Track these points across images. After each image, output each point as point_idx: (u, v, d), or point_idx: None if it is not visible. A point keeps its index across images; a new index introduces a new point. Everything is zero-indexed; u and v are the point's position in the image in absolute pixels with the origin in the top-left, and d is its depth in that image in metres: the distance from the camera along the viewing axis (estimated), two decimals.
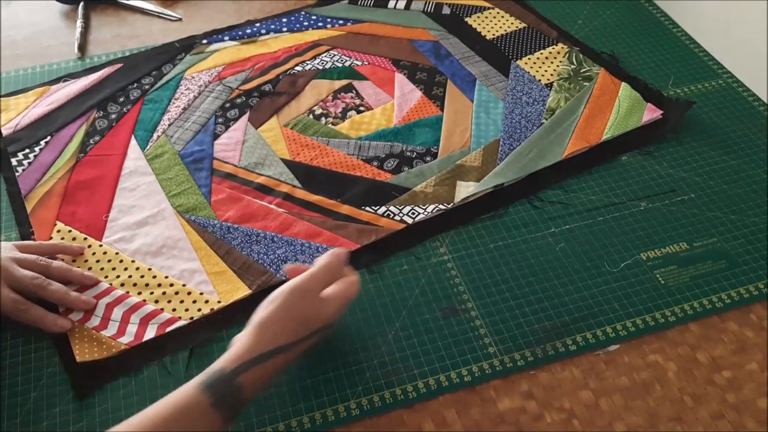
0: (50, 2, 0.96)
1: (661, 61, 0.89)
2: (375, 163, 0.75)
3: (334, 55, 0.89)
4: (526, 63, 0.88)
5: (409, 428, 0.55)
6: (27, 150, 0.75)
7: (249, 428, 0.54)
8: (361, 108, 0.82)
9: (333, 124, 0.80)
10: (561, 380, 0.58)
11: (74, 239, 0.67)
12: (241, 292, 0.63)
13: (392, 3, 0.97)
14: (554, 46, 0.90)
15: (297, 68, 0.87)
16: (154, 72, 0.85)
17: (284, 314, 0.51)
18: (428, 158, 0.76)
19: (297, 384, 0.57)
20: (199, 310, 0.62)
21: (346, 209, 0.70)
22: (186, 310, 0.62)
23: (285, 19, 0.94)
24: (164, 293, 0.63)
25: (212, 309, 0.62)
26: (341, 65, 0.87)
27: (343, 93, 0.84)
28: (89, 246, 0.66)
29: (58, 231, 0.67)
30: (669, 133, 0.78)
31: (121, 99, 0.82)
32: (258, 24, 0.93)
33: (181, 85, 0.84)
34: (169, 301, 0.62)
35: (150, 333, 0.60)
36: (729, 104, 0.83)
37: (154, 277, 0.64)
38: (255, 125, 0.79)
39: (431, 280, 0.65)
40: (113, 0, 0.97)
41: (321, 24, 0.94)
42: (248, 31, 0.92)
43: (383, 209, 0.70)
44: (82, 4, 0.95)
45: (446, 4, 0.97)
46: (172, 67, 0.86)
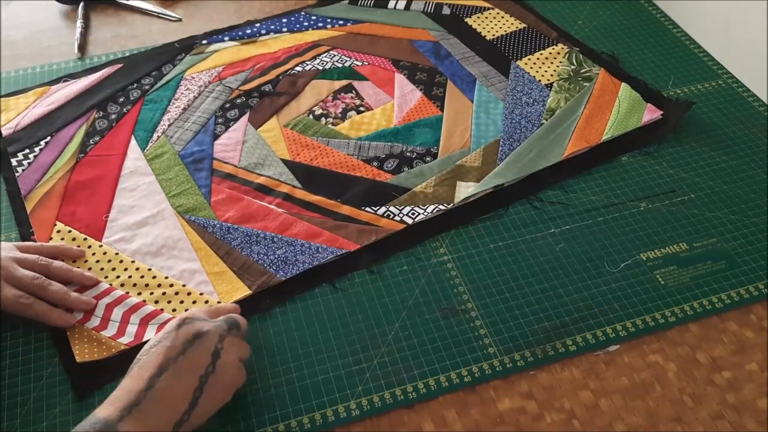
0: (50, 2, 0.96)
1: (661, 62, 0.89)
2: (375, 164, 0.75)
3: (334, 56, 0.89)
4: (526, 63, 0.88)
5: (409, 428, 0.55)
6: (27, 150, 0.75)
7: (249, 428, 0.54)
8: (361, 108, 0.82)
9: (333, 125, 0.80)
10: (561, 380, 0.58)
11: (74, 239, 0.67)
12: (241, 293, 0.63)
13: (392, 3, 0.97)
14: (554, 47, 0.90)
15: (297, 68, 0.87)
16: (154, 72, 0.85)
17: (155, 344, 0.50)
18: (428, 158, 0.76)
19: (297, 384, 0.57)
20: None
21: (346, 209, 0.70)
22: (186, 311, 0.61)
23: (285, 20, 0.94)
24: (164, 293, 0.63)
25: None
26: (341, 65, 0.87)
27: (343, 93, 0.84)
28: (89, 246, 0.66)
29: (58, 231, 0.67)
30: (669, 134, 0.78)
31: (121, 99, 0.82)
32: (258, 24, 0.93)
33: (181, 86, 0.84)
34: (169, 302, 0.62)
35: (150, 333, 0.60)
36: (729, 104, 0.83)
37: (154, 278, 0.64)
38: (255, 125, 0.79)
39: (431, 281, 0.65)
40: (113, 0, 0.97)
41: (321, 24, 0.94)
42: (248, 32, 0.92)
43: (383, 209, 0.70)
44: (82, 4, 0.95)
45: (446, 5, 0.97)
46: (172, 68, 0.86)
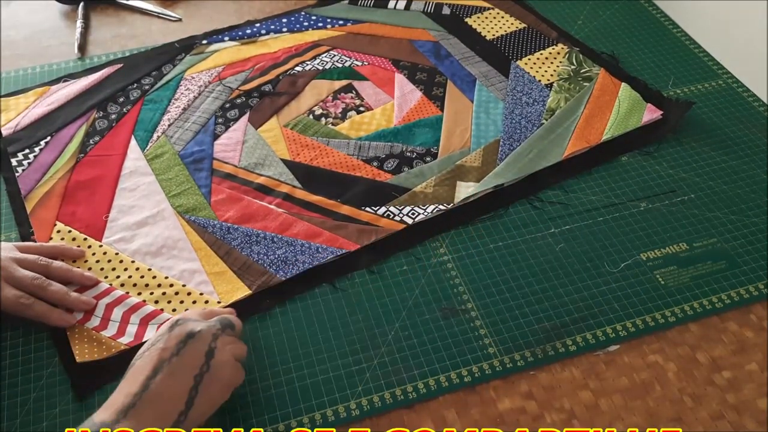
0: (50, 2, 0.96)
1: (661, 62, 0.89)
2: (375, 164, 0.75)
3: (334, 56, 0.89)
4: (526, 63, 0.88)
5: (409, 428, 0.55)
6: (27, 150, 0.75)
7: (249, 428, 0.54)
8: (361, 108, 0.82)
9: (333, 125, 0.80)
10: (561, 380, 0.58)
11: (74, 239, 0.67)
12: (241, 293, 0.63)
13: (392, 3, 0.97)
14: (554, 47, 0.90)
15: (297, 68, 0.87)
16: (154, 72, 0.85)
17: (149, 347, 0.51)
18: (428, 158, 0.76)
19: (297, 384, 0.57)
20: None
21: (346, 209, 0.70)
22: (186, 311, 0.62)
23: (285, 20, 0.94)
24: (164, 293, 0.63)
25: None
26: (341, 65, 0.87)
27: (343, 93, 0.84)
28: (89, 246, 0.66)
29: (58, 231, 0.67)
30: (669, 134, 0.78)
31: (121, 99, 0.82)
32: (258, 24, 0.93)
33: (181, 86, 0.84)
34: (169, 302, 0.62)
35: (150, 333, 0.60)
36: (729, 104, 0.83)
37: (154, 278, 0.64)
38: (255, 125, 0.79)
39: (431, 280, 0.65)
40: (113, 0, 0.97)
41: (321, 24, 0.94)
42: (248, 32, 0.92)
43: (383, 209, 0.70)
44: (82, 4, 0.95)
45: (446, 5, 0.97)
46: (172, 68, 0.86)
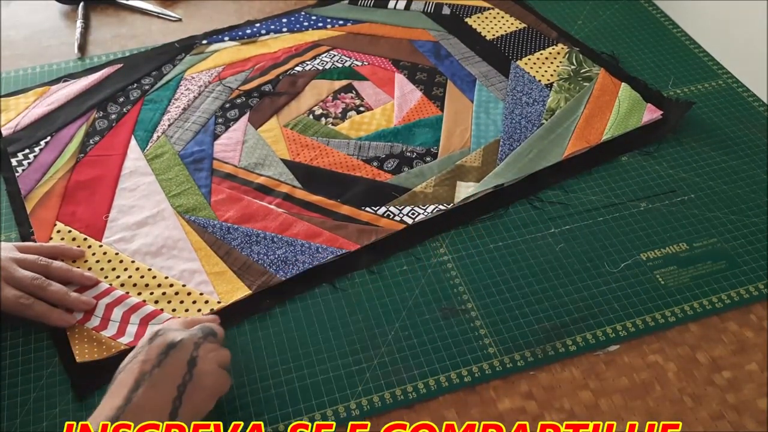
0: (50, 2, 0.96)
1: (661, 62, 0.89)
2: (375, 164, 0.75)
3: (334, 56, 0.89)
4: (526, 63, 0.88)
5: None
6: (27, 150, 0.75)
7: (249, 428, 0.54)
8: (361, 108, 0.82)
9: (333, 125, 0.80)
10: (561, 380, 0.58)
11: (74, 239, 0.67)
12: (241, 293, 0.63)
13: (392, 3, 0.97)
14: (554, 47, 0.90)
15: (297, 68, 0.87)
16: (154, 72, 0.85)
17: (130, 359, 0.50)
18: (428, 158, 0.76)
19: (297, 384, 0.57)
20: (199, 311, 0.62)
21: (346, 209, 0.70)
22: (186, 311, 0.62)
23: (285, 20, 0.94)
24: (164, 294, 0.63)
25: (212, 309, 0.62)
26: (341, 65, 0.87)
27: (343, 93, 0.84)
28: (89, 246, 0.66)
29: (58, 231, 0.67)
30: (669, 134, 0.78)
31: (121, 99, 0.82)
32: (258, 24, 0.93)
33: (181, 86, 0.84)
34: (169, 302, 0.62)
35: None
36: (729, 104, 0.83)
37: (154, 278, 0.64)
38: (255, 125, 0.79)
39: (431, 280, 0.65)
40: (113, 0, 0.97)
41: (321, 24, 0.94)
42: (248, 32, 0.92)
43: (383, 209, 0.70)
44: (82, 4, 0.95)
45: (446, 5, 0.97)
46: (172, 68, 0.86)
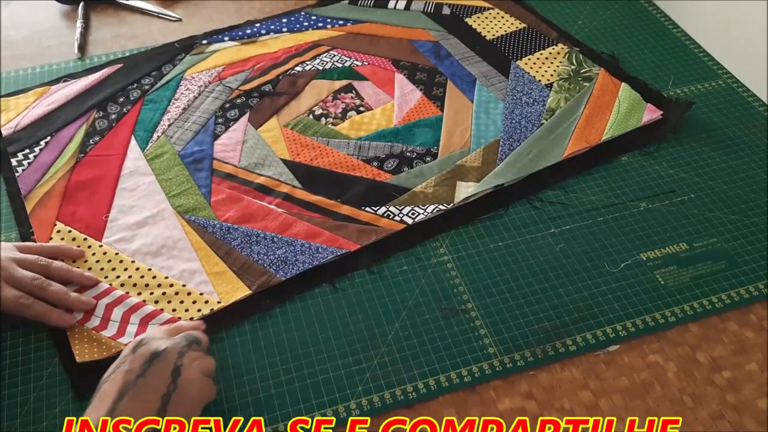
0: (50, 2, 0.96)
1: (661, 62, 0.89)
2: (375, 164, 0.75)
3: (334, 56, 0.89)
4: (526, 63, 0.88)
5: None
6: (27, 150, 0.75)
7: None
8: (361, 108, 0.82)
9: (333, 125, 0.80)
10: (561, 380, 0.58)
11: (74, 239, 0.67)
12: (241, 293, 0.63)
13: (392, 3, 0.97)
14: (554, 47, 0.90)
15: (297, 68, 0.87)
16: (154, 72, 0.85)
17: (114, 370, 0.50)
18: (428, 158, 0.76)
19: (297, 384, 0.57)
20: (199, 311, 0.62)
21: (346, 209, 0.70)
22: (186, 311, 0.62)
23: (285, 20, 0.94)
24: (164, 293, 0.63)
25: (212, 309, 0.62)
26: (341, 65, 0.87)
27: (343, 93, 0.84)
28: (89, 246, 0.66)
29: (58, 231, 0.67)
30: (669, 134, 0.78)
31: (121, 99, 0.82)
32: (258, 24, 0.93)
33: (181, 86, 0.84)
34: (169, 302, 0.62)
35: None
36: (729, 104, 0.83)
37: (154, 278, 0.64)
38: (255, 125, 0.79)
39: (431, 280, 0.65)
40: (113, 0, 0.97)
41: (321, 24, 0.94)
42: (248, 32, 0.92)
43: (383, 209, 0.70)
44: (82, 4, 0.95)
45: (446, 5, 0.97)
46: (172, 68, 0.86)
